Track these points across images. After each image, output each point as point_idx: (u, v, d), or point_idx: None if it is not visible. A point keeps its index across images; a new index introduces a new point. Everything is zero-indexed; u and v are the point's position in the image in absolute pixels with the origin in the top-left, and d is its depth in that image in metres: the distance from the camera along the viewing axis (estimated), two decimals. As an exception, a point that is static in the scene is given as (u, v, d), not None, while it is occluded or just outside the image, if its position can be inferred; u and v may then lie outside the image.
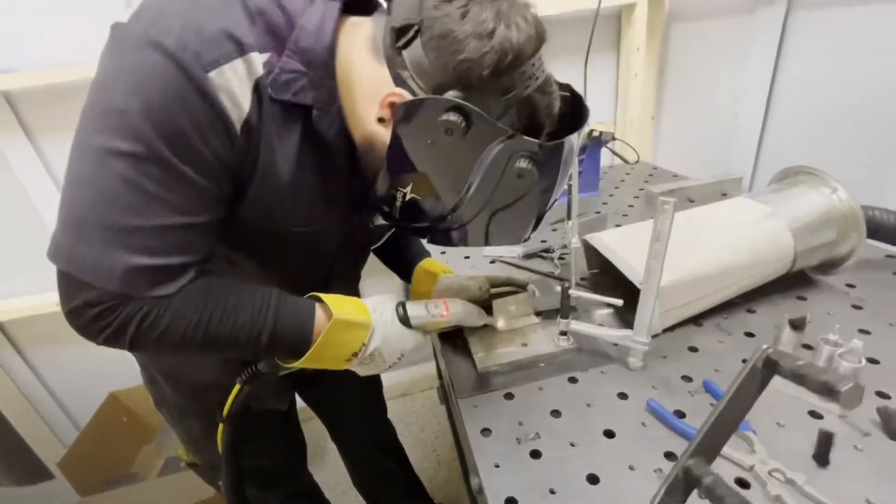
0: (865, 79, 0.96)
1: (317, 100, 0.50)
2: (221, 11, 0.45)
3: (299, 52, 0.48)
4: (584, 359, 0.70)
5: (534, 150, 0.48)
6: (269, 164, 0.50)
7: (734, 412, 0.35)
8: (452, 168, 0.51)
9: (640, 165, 1.52)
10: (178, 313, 0.47)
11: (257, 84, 0.46)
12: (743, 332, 0.71)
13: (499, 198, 0.52)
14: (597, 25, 1.42)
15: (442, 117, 0.46)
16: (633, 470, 0.52)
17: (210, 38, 0.43)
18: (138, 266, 0.44)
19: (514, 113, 0.49)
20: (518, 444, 0.58)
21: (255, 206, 0.52)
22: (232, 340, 0.51)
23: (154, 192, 0.43)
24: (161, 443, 1.66)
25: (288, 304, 0.54)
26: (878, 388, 0.58)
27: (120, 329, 0.46)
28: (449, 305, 0.65)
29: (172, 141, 0.42)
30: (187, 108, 0.42)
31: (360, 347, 0.57)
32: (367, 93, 0.51)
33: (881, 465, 0.49)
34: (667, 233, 0.57)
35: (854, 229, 0.73)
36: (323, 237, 0.61)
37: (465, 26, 0.45)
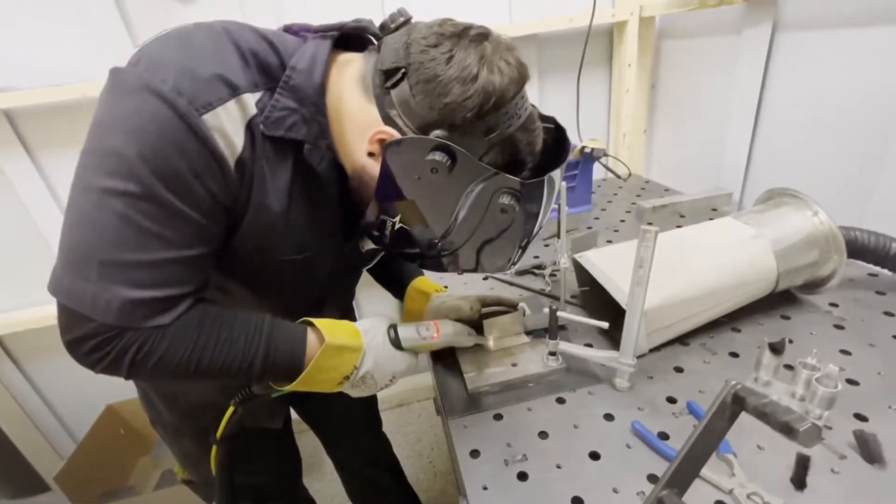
0: (848, 97, 0.99)
1: (308, 135, 0.52)
2: (215, 55, 0.47)
3: (291, 89, 0.50)
4: (573, 379, 0.72)
5: (515, 188, 0.51)
6: (261, 198, 0.52)
7: (705, 445, 0.37)
8: (439, 202, 0.53)
9: (633, 179, 1.54)
10: (174, 343, 0.49)
11: (250, 123, 0.48)
12: (728, 351, 0.73)
13: (484, 230, 0.55)
14: (589, 42, 1.46)
15: (428, 156, 0.49)
16: (616, 493, 0.54)
17: (204, 82, 0.45)
18: (135, 299, 0.45)
19: (498, 151, 0.52)
20: (506, 466, 0.59)
21: (248, 237, 0.54)
22: (226, 367, 0.52)
23: (151, 228, 0.45)
24: (158, 455, 1.67)
25: (280, 331, 0.56)
26: (855, 411, 0.59)
27: (117, 359, 0.47)
28: (440, 327, 0.67)
29: (169, 181, 0.44)
30: (183, 151, 0.44)
31: (352, 371, 0.58)
32: (357, 128, 0.53)
33: (856, 488, 0.50)
34: (649, 259, 0.58)
35: (835, 251, 0.75)
36: (315, 263, 0.63)
37: (450, 71, 0.48)
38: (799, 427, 0.30)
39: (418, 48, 0.49)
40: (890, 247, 0.76)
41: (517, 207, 0.51)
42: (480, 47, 0.49)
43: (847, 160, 1.02)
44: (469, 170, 0.50)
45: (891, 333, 0.71)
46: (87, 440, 1.51)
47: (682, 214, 1.24)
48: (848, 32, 0.96)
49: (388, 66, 0.50)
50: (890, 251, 0.76)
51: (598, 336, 0.81)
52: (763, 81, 1.16)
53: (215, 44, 0.48)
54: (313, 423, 1.09)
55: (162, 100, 0.43)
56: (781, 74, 1.13)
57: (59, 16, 1.21)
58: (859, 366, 0.66)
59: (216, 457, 0.71)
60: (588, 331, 0.82)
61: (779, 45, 1.12)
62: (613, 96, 1.63)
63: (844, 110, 1.00)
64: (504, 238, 0.56)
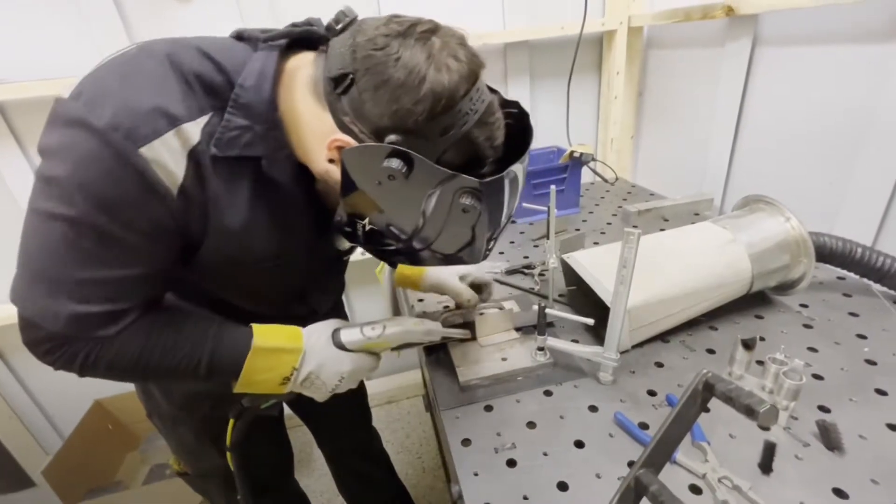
0: (821, 110, 1.04)
1: (265, 150, 0.53)
2: (155, 86, 0.47)
3: (241, 108, 0.50)
4: (559, 373, 0.75)
5: (475, 187, 0.50)
6: (219, 217, 0.53)
7: (679, 428, 0.40)
8: (402, 206, 0.53)
9: (620, 183, 1.59)
10: (121, 350, 0.53)
11: (192, 151, 0.49)
12: (705, 348, 0.77)
13: (450, 229, 0.55)
14: (580, 50, 1.50)
15: (384, 163, 0.48)
16: (599, 478, 0.57)
17: (141, 116, 0.45)
18: (80, 313, 0.49)
19: (456, 149, 0.51)
20: (496, 454, 0.62)
21: (214, 253, 0.56)
22: (173, 370, 0.56)
23: (92, 250, 0.47)
24: (146, 450, 1.67)
25: (226, 336, 0.59)
26: (819, 403, 0.64)
27: (68, 363, 0.52)
28: (387, 326, 0.67)
29: (106, 210, 0.46)
30: (118, 184, 0.45)
31: (291, 372, 0.60)
32: (314, 136, 0.53)
33: (818, 473, 0.55)
34: (633, 260, 0.62)
35: (805, 255, 0.80)
36: (289, 264, 0.65)
37: (398, 74, 0.47)
38: (759, 409, 0.33)
39: (363, 52, 0.48)
40: (856, 252, 0.81)
41: (479, 206, 0.51)
42: (428, 45, 0.48)
43: (820, 169, 1.08)
44: (427, 173, 0.49)
45: (854, 333, 0.76)
46: (75, 435, 1.51)
47: (666, 218, 1.28)
48: (822, 49, 1.02)
49: (336, 72, 0.49)
50: (856, 256, 0.82)
51: (584, 333, 0.85)
52: (743, 92, 1.22)
53: (156, 73, 0.48)
54: (305, 417, 1.11)
55: (98, 136, 0.44)
56: (761, 86, 1.19)
57: (54, 9, 1.21)
58: (824, 362, 0.71)
59: (233, 464, 0.76)
60: (574, 328, 0.86)
61: (758, 59, 1.17)
62: (602, 102, 1.68)
63: (818, 122, 1.06)
64: (471, 235, 0.56)
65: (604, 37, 1.57)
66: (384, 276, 1.39)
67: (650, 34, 1.56)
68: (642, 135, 1.71)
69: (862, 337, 0.75)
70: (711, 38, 1.30)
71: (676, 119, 1.53)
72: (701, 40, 1.34)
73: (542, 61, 1.59)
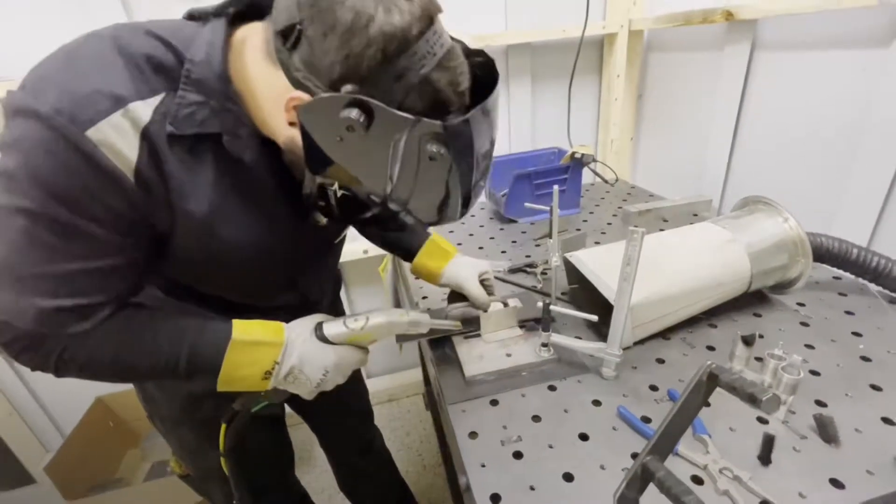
0: (818, 113, 1.07)
1: (224, 126, 0.51)
2: (98, 69, 0.46)
3: (194, 84, 0.49)
4: (563, 368, 0.77)
5: (439, 131, 0.47)
6: (183, 203, 0.51)
7: (683, 418, 0.42)
8: (368, 161, 0.50)
9: (619, 185, 1.61)
10: (96, 347, 0.51)
11: (145, 132, 0.47)
12: (705, 345, 0.79)
13: (423, 182, 0.52)
14: (581, 52, 1.52)
15: (341, 115, 0.45)
16: (603, 469, 0.59)
17: (84, 98, 0.44)
18: (48, 308, 0.48)
19: (416, 95, 0.48)
20: (502, 446, 0.64)
21: (185, 242, 0.54)
22: (152, 368, 0.55)
23: (53, 243, 0.46)
24: (146, 448, 1.67)
25: (205, 331, 0.57)
26: (816, 398, 0.66)
27: (43, 362, 0.51)
28: (370, 318, 0.65)
29: (62, 200, 0.45)
30: (69, 170, 0.44)
31: (272, 365, 0.58)
32: (272, 101, 0.51)
33: (815, 464, 0.57)
34: (636, 258, 0.64)
35: (803, 255, 0.82)
36: (269, 250, 0.63)
37: (345, 16, 0.44)
38: (762, 397, 0.35)
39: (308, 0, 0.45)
40: (852, 252, 0.83)
41: (446, 152, 0.48)
42: None
43: (817, 171, 1.10)
44: (387, 121, 0.46)
45: (850, 330, 0.78)
46: (77, 432, 1.51)
47: (666, 219, 1.30)
48: (819, 54, 1.04)
49: (283, 25, 0.47)
50: (852, 256, 0.84)
51: (586, 330, 0.86)
52: (742, 96, 1.24)
53: (100, 56, 0.47)
54: (306, 415, 1.11)
55: (42, 122, 0.43)
56: (759, 90, 1.21)
57: (58, 6, 1.22)
58: (821, 359, 0.73)
59: (228, 468, 0.75)
60: (576, 325, 0.88)
61: (757, 63, 1.19)
62: (602, 105, 1.70)
63: (815, 125, 1.08)
64: (446, 188, 0.53)
65: (604, 40, 1.59)
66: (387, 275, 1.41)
67: (650, 37, 1.58)
68: (641, 137, 1.73)
69: (857, 335, 0.77)
70: (711, 43, 1.32)
71: (675, 121, 1.55)
72: (700, 44, 1.37)
73: (544, 63, 1.60)
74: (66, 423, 1.72)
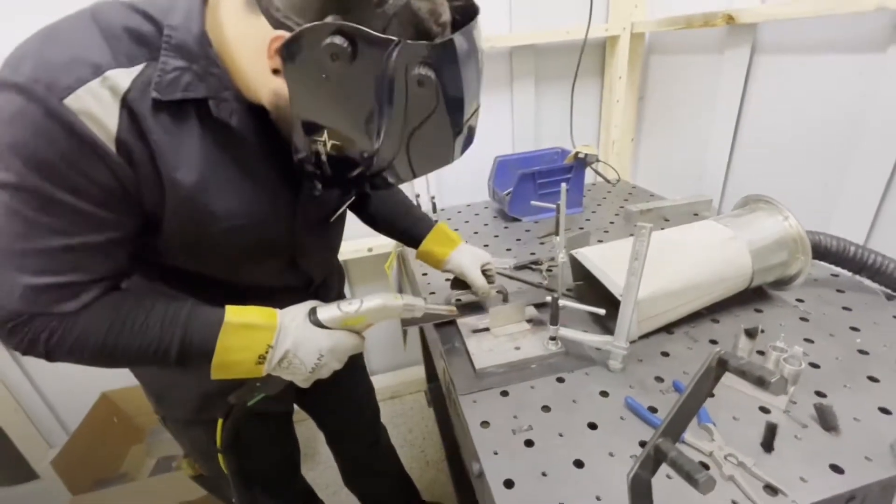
0: (816, 115, 1.10)
1: (209, 90, 0.50)
2: (75, 40, 0.47)
3: (175, 49, 0.49)
4: (571, 361, 0.79)
5: (424, 54, 0.47)
6: (171, 174, 0.51)
7: (694, 402, 0.44)
8: (355, 98, 0.49)
9: (620, 185, 1.64)
10: (86, 328, 0.51)
11: (125, 99, 0.47)
12: (708, 339, 0.81)
13: (413, 116, 0.51)
14: (583, 55, 1.54)
15: (325, 43, 0.45)
16: (612, 456, 0.61)
17: (60, 67, 0.44)
18: (32, 286, 0.48)
19: (397, 24, 0.47)
20: (513, 435, 0.66)
21: (177, 216, 0.53)
22: (143, 352, 0.54)
23: (34, 218, 0.46)
24: (151, 443, 1.68)
25: (198, 316, 0.57)
26: (816, 389, 0.68)
27: (32, 343, 0.50)
28: (364, 301, 0.65)
29: (42, 171, 0.45)
30: (49, 139, 0.44)
31: (266, 349, 0.58)
32: (254, 52, 0.50)
33: (815, 451, 0.59)
34: (644, 253, 0.66)
35: (802, 252, 0.84)
36: (264, 224, 0.62)
37: None
38: (771, 379, 0.37)
39: None
40: (849, 250, 0.86)
41: (433, 76, 0.48)
42: None
43: (814, 172, 1.13)
44: (372, 48, 0.45)
45: (848, 325, 0.81)
46: (83, 427, 1.52)
47: (667, 218, 1.33)
48: (817, 58, 1.07)
49: None
50: (849, 254, 0.86)
51: (591, 325, 0.88)
52: (742, 98, 1.27)
53: (77, 28, 0.47)
54: (313, 411, 1.12)
55: (20, 91, 0.43)
56: (759, 92, 1.24)
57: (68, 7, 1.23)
58: (820, 352, 0.75)
59: (226, 464, 0.75)
60: (581, 320, 0.90)
61: (757, 66, 1.22)
62: (604, 106, 1.73)
63: (813, 127, 1.11)
64: (436, 123, 0.52)
65: (607, 42, 1.62)
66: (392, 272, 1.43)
67: (651, 40, 1.60)
68: (642, 138, 1.76)
69: (855, 329, 0.80)
70: (711, 46, 1.35)
71: (676, 123, 1.57)
72: (701, 47, 1.39)
73: (547, 65, 1.63)
74: (70, 419, 1.72)
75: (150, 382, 0.78)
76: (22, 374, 1.59)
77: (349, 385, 1.11)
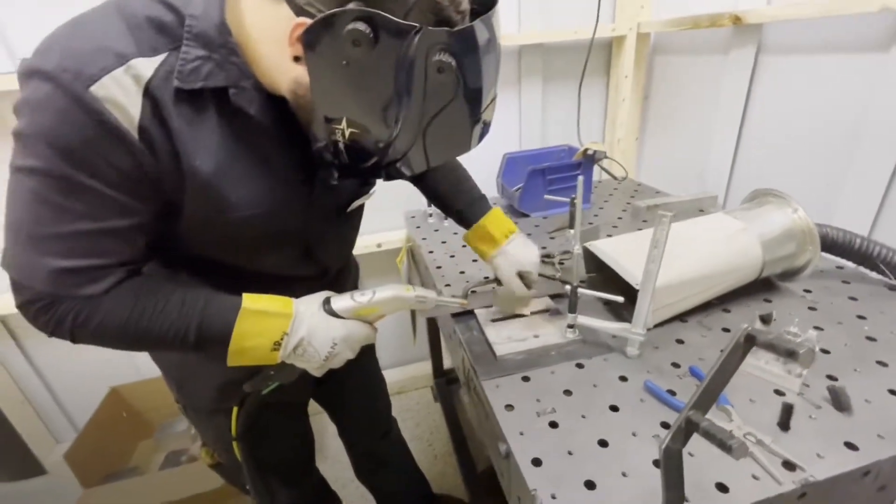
0: (819, 113, 1.13)
1: (229, 79, 0.52)
2: (100, 31, 0.48)
3: (196, 38, 0.50)
4: (588, 348, 0.81)
5: (445, 41, 0.48)
6: (190, 161, 0.52)
7: (722, 375, 0.46)
8: (375, 84, 0.50)
9: (626, 182, 1.67)
10: (110, 311, 0.53)
11: (147, 88, 0.48)
12: (721, 327, 0.84)
13: (431, 103, 0.52)
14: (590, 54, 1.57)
15: (347, 28, 0.46)
16: (635, 436, 0.63)
17: (87, 55, 0.46)
18: (58, 268, 0.50)
19: (418, 12, 0.48)
20: (537, 417, 0.68)
21: (196, 203, 0.55)
22: (162, 336, 0.56)
23: (60, 202, 0.48)
24: (160, 438, 1.68)
25: (215, 302, 0.58)
26: (828, 373, 0.71)
27: (59, 324, 0.52)
28: (377, 292, 0.67)
29: (67, 157, 0.47)
30: (75, 126, 0.46)
31: (281, 336, 0.60)
32: (275, 41, 0.51)
33: (830, 430, 0.61)
34: (664, 241, 0.68)
35: (811, 243, 0.87)
36: (280, 213, 0.63)
37: None
38: (800, 350, 0.39)
39: None
40: (855, 242, 0.89)
41: (453, 62, 0.49)
42: None
43: (818, 168, 1.16)
44: (393, 34, 0.46)
45: (855, 314, 0.84)
46: (93, 422, 1.52)
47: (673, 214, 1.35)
48: (820, 58, 1.10)
49: None
50: (855, 246, 0.89)
51: (605, 314, 0.91)
52: (747, 97, 1.30)
53: (103, 19, 0.49)
54: (327, 403, 1.13)
55: (48, 79, 0.45)
56: (763, 92, 1.27)
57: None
58: (830, 339, 0.78)
59: (240, 452, 0.76)
60: (594, 311, 0.92)
61: (762, 66, 1.25)
62: (610, 105, 1.75)
63: (817, 125, 1.14)
64: (455, 110, 0.54)
65: (613, 42, 1.65)
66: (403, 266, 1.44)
67: (656, 40, 1.64)
68: (646, 136, 1.79)
69: (862, 318, 0.82)
70: (716, 46, 1.38)
71: (680, 121, 1.61)
72: (706, 47, 1.43)
73: (554, 64, 1.65)
74: (77, 414, 1.72)
75: (172, 370, 0.80)
76: (30, 368, 1.59)
77: (363, 377, 1.13)
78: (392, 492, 1.31)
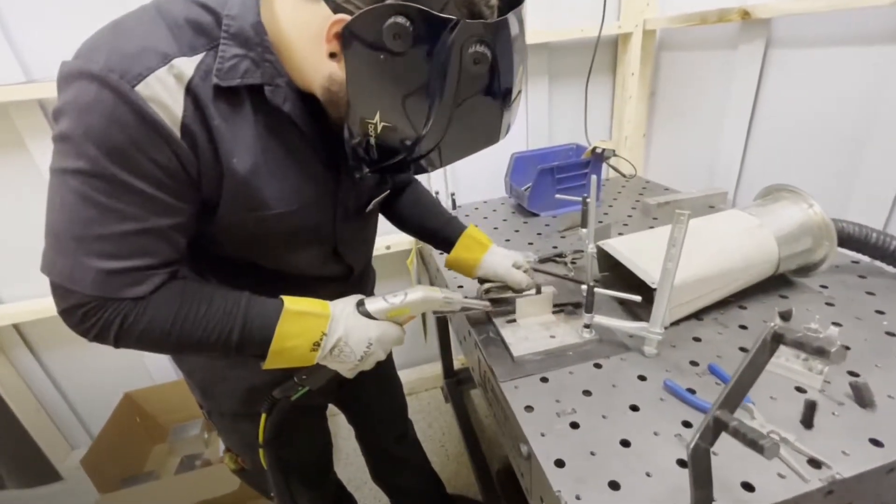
0: (830, 108, 1.12)
1: (264, 76, 0.53)
2: (143, 32, 0.50)
3: (233, 37, 0.51)
4: (606, 348, 0.81)
5: (481, 33, 0.50)
6: (228, 158, 0.54)
7: (750, 374, 0.46)
8: (412, 77, 0.51)
9: (634, 179, 1.66)
10: (156, 314, 0.54)
11: (189, 86, 0.50)
12: (737, 325, 0.84)
13: (465, 94, 0.53)
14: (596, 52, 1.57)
15: (387, 22, 0.47)
16: (657, 435, 0.63)
17: (132, 56, 0.47)
18: (104, 270, 0.50)
19: (454, 6, 0.49)
20: (558, 418, 0.68)
21: (232, 200, 0.56)
22: (206, 339, 0.57)
23: (106, 203, 0.48)
24: (173, 442, 1.69)
25: (256, 305, 0.59)
26: (849, 369, 0.70)
27: (104, 328, 0.52)
28: (408, 293, 0.69)
29: (113, 156, 0.47)
30: (121, 125, 0.47)
31: (320, 336, 0.61)
32: (311, 38, 0.52)
33: (854, 427, 0.61)
34: (682, 239, 0.68)
35: (827, 238, 0.86)
36: (310, 211, 0.65)
37: None
38: (830, 349, 0.39)
39: None
40: (871, 236, 0.88)
41: (489, 53, 0.51)
42: None
43: (830, 163, 1.15)
44: (432, 27, 0.48)
45: (873, 309, 0.83)
46: (108, 427, 1.53)
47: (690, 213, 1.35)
48: (831, 51, 1.10)
49: None
50: (871, 240, 0.89)
51: (619, 314, 0.91)
52: (756, 93, 1.29)
53: (144, 21, 0.51)
54: (347, 405, 1.14)
55: (95, 80, 0.46)
56: (773, 86, 1.26)
57: (97, 6, 1.25)
58: (849, 334, 0.77)
59: (266, 457, 0.77)
60: (608, 310, 0.92)
61: (771, 60, 1.25)
62: (616, 102, 1.75)
63: (828, 119, 1.14)
64: (487, 100, 0.55)
65: (619, 39, 1.65)
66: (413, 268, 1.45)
67: (662, 36, 1.63)
68: (654, 134, 1.78)
69: (880, 312, 0.82)
70: (724, 41, 1.37)
71: (688, 118, 1.60)
72: (713, 43, 1.42)
73: (560, 62, 1.65)
74: (91, 420, 1.74)
75: (196, 374, 0.80)
76: (45, 376, 1.61)
77: (381, 378, 1.13)
78: (410, 493, 1.32)
